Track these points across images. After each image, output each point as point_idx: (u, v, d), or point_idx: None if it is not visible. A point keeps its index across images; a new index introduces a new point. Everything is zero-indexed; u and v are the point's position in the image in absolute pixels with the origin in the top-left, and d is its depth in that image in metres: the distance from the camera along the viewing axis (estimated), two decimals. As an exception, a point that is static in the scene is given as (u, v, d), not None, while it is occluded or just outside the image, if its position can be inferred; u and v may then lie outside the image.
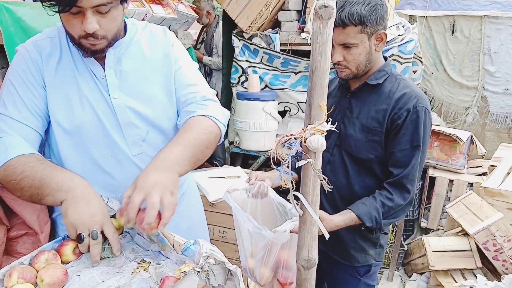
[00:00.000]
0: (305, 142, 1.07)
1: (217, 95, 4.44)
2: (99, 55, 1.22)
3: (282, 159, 1.10)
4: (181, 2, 4.04)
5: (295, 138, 1.10)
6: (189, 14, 4.24)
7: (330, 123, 1.09)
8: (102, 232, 1.08)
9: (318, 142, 1.06)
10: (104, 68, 1.25)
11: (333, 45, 1.48)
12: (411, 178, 1.50)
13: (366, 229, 1.52)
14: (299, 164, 1.07)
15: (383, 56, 1.61)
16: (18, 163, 1.11)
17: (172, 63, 1.36)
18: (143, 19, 3.35)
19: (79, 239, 1.05)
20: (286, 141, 1.12)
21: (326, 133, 1.08)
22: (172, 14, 3.76)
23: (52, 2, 1.06)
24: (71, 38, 1.18)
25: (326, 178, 1.10)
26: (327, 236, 1.16)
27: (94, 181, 1.18)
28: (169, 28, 4.17)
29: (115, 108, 1.25)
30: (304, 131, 1.08)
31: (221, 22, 4.64)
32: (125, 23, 1.31)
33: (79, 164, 1.26)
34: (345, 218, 1.48)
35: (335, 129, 1.11)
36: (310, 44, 1.06)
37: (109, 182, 1.29)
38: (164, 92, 1.35)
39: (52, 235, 1.49)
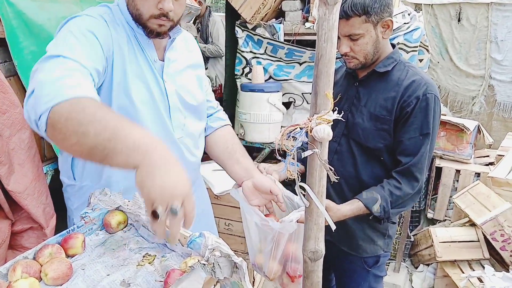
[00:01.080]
0: (311, 132, 1.05)
1: (213, 83, 4.51)
2: (161, 37, 1.27)
3: (288, 150, 1.08)
4: (183, -7, 4.01)
5: (300, 128, 1.08)
6: (192, 5, 4.21)
7: (336, 112, 1.07)
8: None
9: (325, 132, 1.04)
10: (157, 53, 1.32)
11: (338, 37, 1.46)
12: (419, 167, 1.48)
13: (374, 219, 1.50)
14: (305, 154, 1.05)
15: (391, 44, 1.58)
16: (90, 103, 0.90)
17: (202, 67, 1.53)
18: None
19: (154, 216, 0.80)
20: (291, 132, 1.10)
21: (332, 123, 1.06)
22: (175, 5, 3.73)
23: None
24: (138, 17, 1.21)
25: (333, 169, 1.08)
26: (333, 227, 1.14)
27: None
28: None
29: (167, 91, 1.32)
30: (310, 121, 1.06)
31: (212, 13, 4.68)
32: None
33: None
34: (352, 207, 1.47)
35: (342, 119, 1.09)
36: (316, 32, 1.03)
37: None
38: (199, 88, 1.47)
39: (57, 228, 1.49)
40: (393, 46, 1.59)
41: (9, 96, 1.37)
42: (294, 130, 1.10)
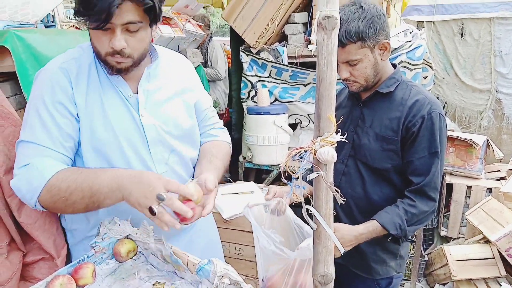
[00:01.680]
0: (315, 154, 1.06)
1: (220, 107, 4.57)
2: (123, 74, 1.24)
3: (293, 173, 1.08)
4: (189, 21, 4.10)
5: (305, 151, 1.08)
6: (197, 32, 4.30)
7: (340, 133, 1.07)
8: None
9: (329, 154, 1.04)
10: (131, 87, 1.28)
11: (338, 63, 1.48)
12: (433, 186, 1.48)
13: (392, 239, 1.49)
14: (310, 177, 1.06)
15: (392, 64, 1.60)
16: (58, 181, 1.11)
17: (194, 92, 1.47)
18: (152, 40, 3.39)
19: (151, 212, 1.03)
20: (296, 154, 1.11)
21: (336, 144, 1.07)
22: (180, 33, 3.81)
23: (86, 18, 1.10)
24: (97, 54, 1.20)
25: (339, 191, 1.08)
26: (341, 250, 1.14)
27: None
28: (178, 47, 4.24)
29: (144, 126, 1.27)
30: (314, 143, 1.07)
31: (212, 39, 4.80)
32: (153, 47, 1.36)
33: None
34: (368, 226, 1.46)
35: (346, 140, 1.10)
36: (316, 55, 1.05)
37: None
38: (186, 115, 1.41)
39: (69, 259, 1.49)
40: (394, 66, 1.60)
41: (19, 129, 1.40)
42: (298, 152, 1.11)
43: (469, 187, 3.10)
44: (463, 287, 2.65)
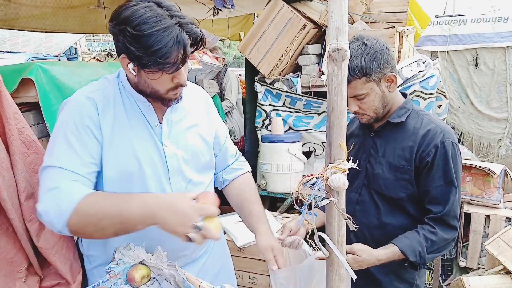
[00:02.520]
0: (327, 181, 1.08)
1: (235, 135, 4.61)
2: (176, 103, 1.31)
3: (304, 200, 1.10)
4: (206, 53, 4.22)
5: (316, 178, 1.10)
6: (214, 64, 4.41)
7: (351, 161, 1.09)
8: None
9: (340, 181, 1.06)
10: (158, 117, 1.33)
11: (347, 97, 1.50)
12: (452, 215, 1.47)
13: (410, 265, 1.47)
14: (322, 203, 1.07)
15: (403, 93, 1.62)
16: (87, 205, 1.11)
17: (213, 123, 1.52)
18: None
19: (188, 239, 1.08)
20: (308, 181, 1.13)
21: (347, 172, 1.09)
22: (197, 65, 3.91)
23: (160, 67, 1.13)
24: (153, 93, 1.24)
25: (351, 218, 1.09)
26: (354, 277, 1.13)
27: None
28: (195, 78, 4.35)
29: (166, 155, 1.31)
30: (325, 170, 1.09)
31: (228, 70, 4.89)
32: None
33: None
34: (387, 251, 1.45)
35: (357, 167, 1.11)
36: (327, 85, 1.09)
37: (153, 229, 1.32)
38: (205, 147, 1.45)
39: (84, 284, 1.51)
40: (405, 95, 1.62)
41: (41, 156, 1.46)
42: (310, 179, 1.13)
43: (487, 217, 3.04)
44: (484, 321, 2.56)
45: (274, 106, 3.32)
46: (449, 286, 3.05)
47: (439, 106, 3.07)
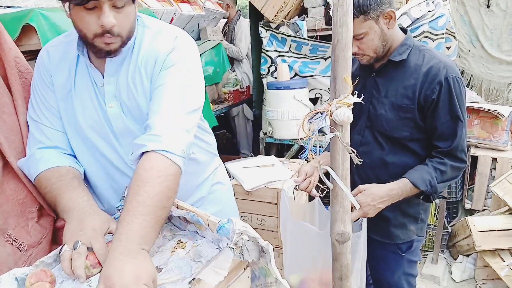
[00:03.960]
0: (331, 116, 1.08)
1: (241, 85, 4.46)
2: (112, 56, 1.16)
3: (309, 134, 1.11)
4: (208, -1, 4.11)
5: (321, 113, 1.10)
6: (217, 10, 4.31)
7: (356, 95, 1.09)
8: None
9: (345, 115, 1.06)
10: (103, 76, 1.21)
11: None
12: (460, 149, 1.49)
13: (424, 197, 1.50)
14: (327, 137, 1.08)
15: (403, 29, 1.58)
16: (44, 178, 1.18)
17: (157, 74, 1.21)
18: (172, 18, 3.42)
19: (60, 251, 1.00)
20: (313, 117, 1.13)
21: (352, 106, 1.08)
22: (200, 11, 3.83)
23: None
24: (83, 37, 1.11)
25: (355, 151, 1.10)
26: (357, 206, 1.16)
27: (103, 183, 1.31)
28: (198, 25, 4.25)
29: (109, 117, 1.23)
30: (330, 105, 1.09)
31: (241, 17, 4.73)
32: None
33: (89, 167, 1.31)
34: (397, 182, 1.47)
35: (362, 101, 1.11)
36: (332, 16, 1.06)
37: (115, 187, 1.33)
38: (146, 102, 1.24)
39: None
40: (405, 31, 1.57)
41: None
42: (315, 115, 1.13)
43: (494, 159, 3.05)
44: (487, 258, 2.64)
45: (279, 51, 3.26)
46: (454, 227, 3.12)
47: (448, 48, 2.99)
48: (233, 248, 1.06)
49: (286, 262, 1.57)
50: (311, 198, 1.60)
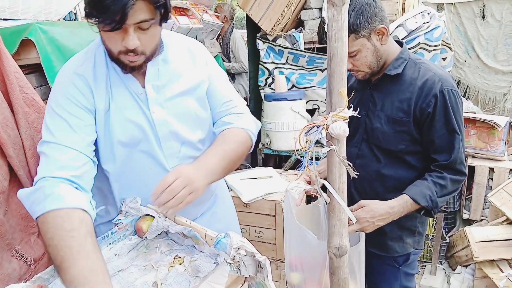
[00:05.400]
0: (327, 129, 1.09)
1: (245, 99, 4.51)
2: (136, 71, 1.23)
3: (305, 148, 1.11)
4: (206, 12, 4.13)
5: (317, 126, 1.11)
6: (215, 23, 4.32)
7: (352, 109, 1.09)
8: None
9: (341, 129, 1.07)
10: (141, 83, 1.27)
11: None
12: (459, 162, 1.48)
13: (425, 213, 1.50)
14: (323, 151, 1.08)
15: (398, 42, 1.58)
16: (51, 224, 1.01)
17: (206, 80, 1.40)
18: (170, 30, 3.44)
19: None
20: (309, 130, 1.14)
21: (348, 120, 1.09)
22: (198, 24, 3.84)
23: (99, 20, 1.08)
24: (109, 53, 1.19)
25: (351, 164, 1.10)
26: (354, 220, 1.16)
27: (133, 193, 1.30)
28: (196, 38, 4.28)
29: (155, 122, 1.28)
30: (326, 119, 1.09)
31: (234, 30, 4.75)
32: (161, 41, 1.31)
33: (118, 177, 1.31)
34: (398, 199, 1.46)
35: (358, 115, 1.12)
36: (327, 31, 1.07)
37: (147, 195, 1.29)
38: (199, 107, 1.38)
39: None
40: (401, 44, 1.58)
41: (43, 116, 1.46)
42: (311, 128, 1.14)
43: (491, 169, 3.05)
44: (485, 268, 2.63)
45: (276, 63, 3.28)
46: (452, 237, 3.11)
47: (444, 59, 3.02)
48: (230, 263, 1.06)
49: (287, 260, 1.56)
50: (309, 202, 1.60)
